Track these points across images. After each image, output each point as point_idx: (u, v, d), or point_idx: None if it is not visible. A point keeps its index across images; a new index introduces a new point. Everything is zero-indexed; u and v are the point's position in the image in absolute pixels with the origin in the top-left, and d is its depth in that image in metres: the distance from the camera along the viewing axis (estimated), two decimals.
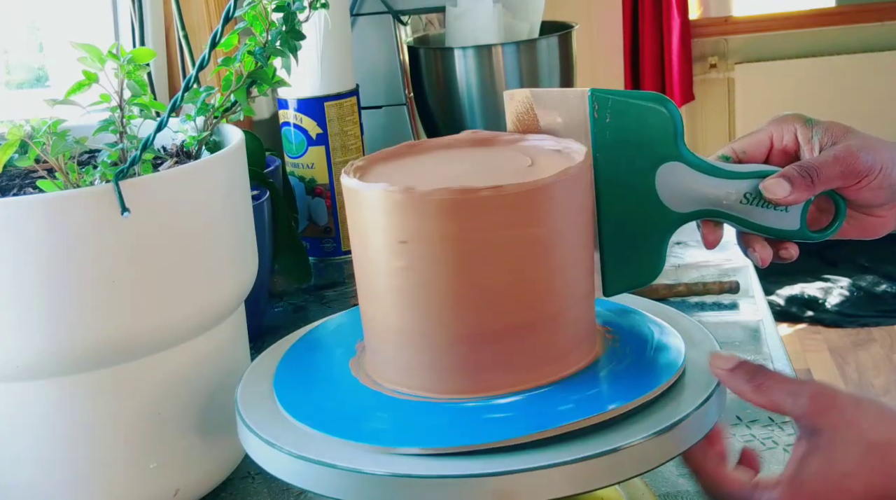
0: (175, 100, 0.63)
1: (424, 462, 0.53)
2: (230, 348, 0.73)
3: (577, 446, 0.53)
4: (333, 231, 1.20)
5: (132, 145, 0.66)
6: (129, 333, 0.63)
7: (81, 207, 0.60)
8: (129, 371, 0.65)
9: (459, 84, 1.30)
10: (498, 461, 0.52)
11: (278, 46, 0.69)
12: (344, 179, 0.60)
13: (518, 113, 0.66)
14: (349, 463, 0.53)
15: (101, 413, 0.65)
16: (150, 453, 0.67)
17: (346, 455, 0.55)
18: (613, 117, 0.62)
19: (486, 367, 0.58)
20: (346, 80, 1.18)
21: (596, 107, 0.62)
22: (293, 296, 1.10)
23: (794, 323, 3.02)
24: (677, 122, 0.63)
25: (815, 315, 3.03)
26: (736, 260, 1.08)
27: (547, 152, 0.63)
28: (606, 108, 0.62)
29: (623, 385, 0.58)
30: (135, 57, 0.65)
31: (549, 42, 1.30)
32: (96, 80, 0.65)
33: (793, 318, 3.03)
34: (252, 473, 0.75)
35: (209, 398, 0.69)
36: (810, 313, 3.04)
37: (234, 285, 0.71)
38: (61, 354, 0.62)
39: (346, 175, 0.60)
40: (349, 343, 0.68)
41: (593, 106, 0.62)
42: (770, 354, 0.86)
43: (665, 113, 0.62)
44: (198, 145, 0.71)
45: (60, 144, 0.63)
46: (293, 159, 1.19)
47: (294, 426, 0.59)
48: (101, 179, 0.64)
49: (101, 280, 0.61)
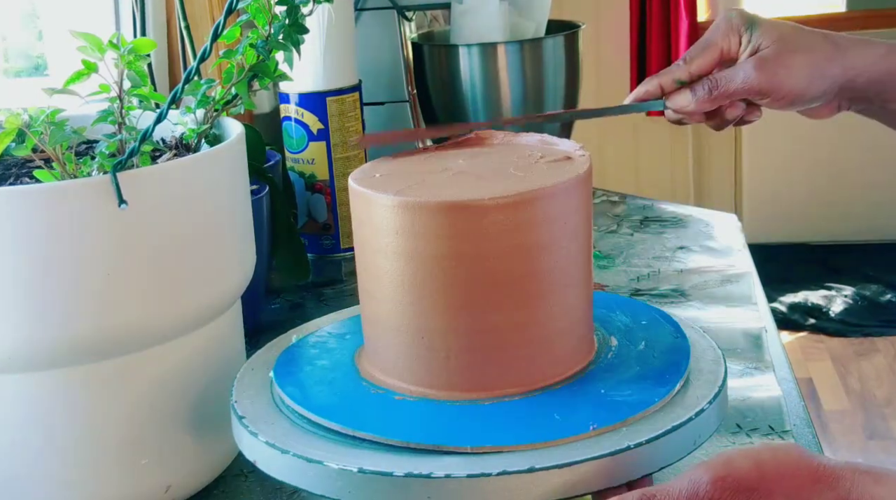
0: (175, 91, 0.63)
1: (422, 462, 0.53)
2: (226, 345, 0.73)
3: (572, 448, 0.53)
4: (333, 228, 1.20)
5: (131, 137, 0.66)
6: (123, 327, 0.63)
7: (78, 199, 0.60)
8: (123, 365, 0.65)
9: (463, 82, 1.30)
10: (495, 462, 0.53)
11: (281, 40, 0.69)
12: (351, 184, 0.61)
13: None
14: (344, 462, 0.54)
15: (92, 408, 0.65)
16: (141, 449, 0.67)
17: (341, 454, 0.55)
18: None
19: (485, 368, 0.59)
20: (349, 75, 1.18)
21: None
22: (291, 293, 1.10)
23: (796, 331, 3.02)
24: None
25: (817, 323, 3.03)
26: (739, 266, 1.08)
27: (551, 154, 0.64)
28: None
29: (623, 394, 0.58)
30: (135, 47, 0.65)
31: (556, 41, 1.30)
32: (96, 70, 0.65)
33: (795, 326, 3.04)
34: (245, 471, 0.75)
35: (203, 395, 0.69)
36: (813, 322, 3.04)
37: (231, 281, 0.70)
38: (53, 346, 0.62)
39: (354, 180, 0.61)
40: (349, 342, 0.68)
41: None
42: (772, 362, 0.86)
43: None
44: (197, 138, 0.71)
45: (58, 133, 0.63)
46: (293, 154, 1.19)
47: (289, 424, 0.59)
48: (99, 171, 0.64)
49: (95, 273, 0.61)
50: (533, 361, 0.59)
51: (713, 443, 0.72)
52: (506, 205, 0.56)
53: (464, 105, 1.30)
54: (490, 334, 0.58)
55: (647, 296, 1.01)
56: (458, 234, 0.57)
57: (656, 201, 1.33)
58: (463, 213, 0.56)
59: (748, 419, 0.77)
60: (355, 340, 0.67)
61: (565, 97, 1.32)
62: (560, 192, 0.58)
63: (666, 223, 1.24)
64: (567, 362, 0.61)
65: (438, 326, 0.58)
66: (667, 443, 0.54)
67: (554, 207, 0.58)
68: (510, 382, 0.59)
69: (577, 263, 0.60)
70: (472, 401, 0.59)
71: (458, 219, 0.57)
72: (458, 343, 0.58)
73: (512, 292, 0.58)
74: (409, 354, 0.60)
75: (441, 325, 0.58)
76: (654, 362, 0.61)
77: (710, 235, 1.19)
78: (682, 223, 1.24)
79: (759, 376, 0.84)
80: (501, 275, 0.57)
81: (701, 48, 0.78)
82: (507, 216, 0.57)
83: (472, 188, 0.59)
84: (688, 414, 0.56)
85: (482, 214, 0.56)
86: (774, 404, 0.79)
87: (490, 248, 0.57)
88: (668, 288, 1.03)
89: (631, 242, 1.18)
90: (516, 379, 0.59)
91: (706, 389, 0.59)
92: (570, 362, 0.61)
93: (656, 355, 0.62)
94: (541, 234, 0.58)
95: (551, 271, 0.58)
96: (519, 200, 0.57)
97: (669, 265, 1.10)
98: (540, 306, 0.59)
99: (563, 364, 0.61)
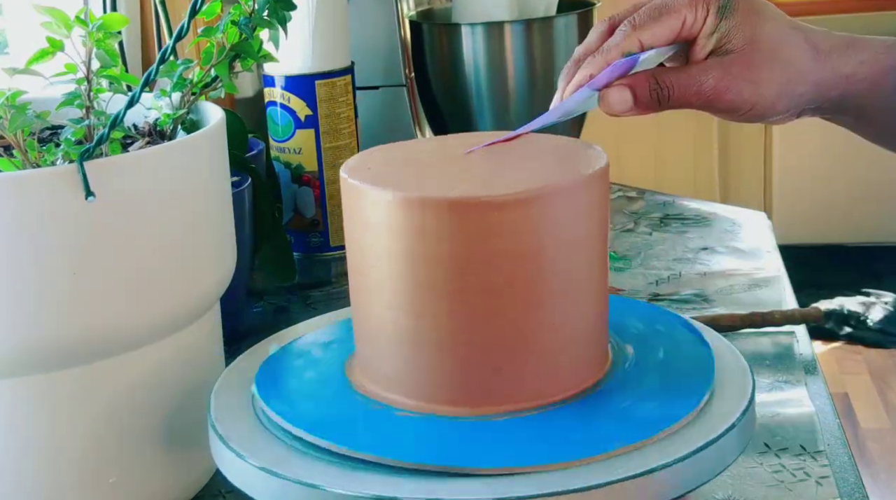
0: (149, 73, 0.63)
1: (415, 484, 0.53)
2: (202, 352, 0.73)
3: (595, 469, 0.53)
4: (322, 224, 1.20)
5: (99, 122, 0.66)
6: (91, 331, 0.63)
7: (41, 190, 0.60)
8: (89, 374, 0.65)
9: (466, 65, 1.29)
10: (519, 484, 0.53)
11: (265, 17, 0.69)
12: (343, 176, 0.61)
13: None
14: (351, 487, 0.53)
15: (55, 421, 0.65)
16: (109, 466, 0.67)
17: (329, 474, 0.55)
18: None
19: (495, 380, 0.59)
20: (341, 56, 1.18)
21: None
22: (274, 295, 1.10)
23: (830, 341, 3.02)
24: None
25: (854, 333, 3.04)
26: (768, 269, 1.08)
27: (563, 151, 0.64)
28: None
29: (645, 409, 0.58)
30: (105, 23, 0.65)
31: (568, 20, 1.30)
32: (61, 49, 0.65)
33: (830, 335, 3.04)
34: (223, 491, 0.75)
35: (177, 407, 0.69)
36: (849, 331, 3.04)
37: (208, 282, 0.70)
38: (12, 353, 0.62)
39: (346, 172, 0.61)
40: (336, 351, 0.68)
41: None
42: (804, 375, 0.86)
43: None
44: (173, 124, 0.71)
45: (19, 118, 0.63)
46: (279, 143, 1.19)
47: (272, 439, 0.59)
48: (64, 159, 0.64)
49: (60, 272, 0.61)
50: (547, 371, 0.59)
51: (738, 465, 0.72)
52: (515, 202, 0.56)
53: (466, 90, 1.30)
54: (499, 342, 0.58)
55: (666, 301, 1.01)
56: (462, 233, 0.57)
57: (678, 198, 1.33)
58: (468, 210, 0.56)
59: (777, 437, 0.77)
60: (343, 348, 0.67)
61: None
62: (574, 189, 0.58)
63: (688, 222, 1.24)
64: (583, 374, 0.61)
65: (441, 335, 0.58)
66: (694, 464, 0.54)
67: (566, 205, 0.58)
68: (523, 396, 0.59)
69: (592, 266, 0.60)
70: (482, 417, 0.59)
71: (462, 217, 0.56)
72: (464, 353, 0.58)
73: (522, 297, 0.58)
74: (408, 365, 0.60)
75: (444, 333, 0.58)
76: (676, 373, 0.61)
77: (736, 236, 1.19)
78: (705, 222, 1.24)
79: (789, 390, 0.83)
80: (510, 278, 0.57)
81: (657, 12, 0.68)
82: (516, 215, 0.56)
83: (478, 184, 0.58)
84: (715, 432, 0.56)
85: (488, 212, 0.56)
86: (806, 421, 0.79)
87: (498, 249, 0.57)
88: (691, 293, 1.03)
89: (649, 242, 1.18)
90: (530, 392, 0.59)
91: (732, 404, 0.59)
92: (585, 374, 0.61)
93: (677, 365, 0.62)
94: (553, 234, 0.58)
95: (565, 273, 0.58)
96: (519, 198, 0.56)
97: (692, 268, 1.10)
98: (553, 313, 0.59)
99: (578, 375, 0.61)
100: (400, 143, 0.68)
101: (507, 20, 1.28)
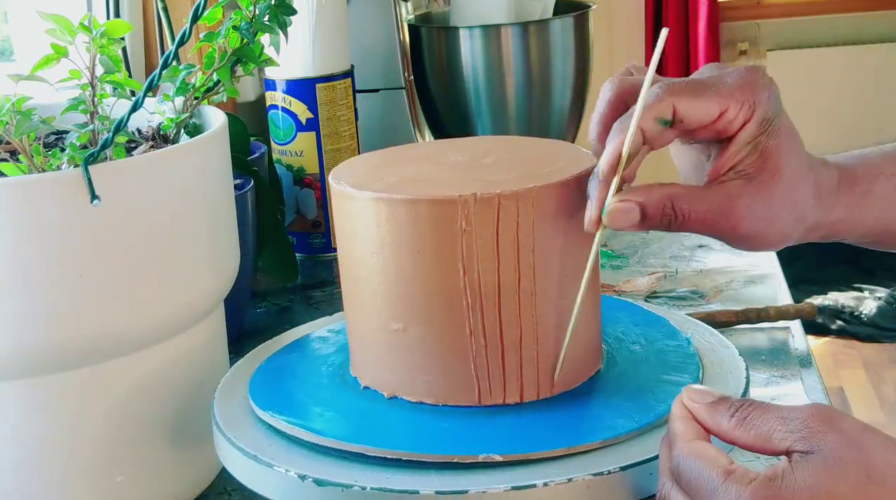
0: (152, 78, 0.63)
1: (418, 478, 0.54)
2: (207, 352, 0.73)
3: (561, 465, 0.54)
4: (323, 226, 1.20)
5: (104, 127, 0.66)
6: (97, 333, 0.63)
7: (47, 194, 0.60)
8: (96, 375, 0.65)
9: (464, 67, 1.30)
10: (535, 472, 0.53)
11: (266, 21, 0.69)
12: (332, 182, 0.61)
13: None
14: (336, 478, 0.54)
15: (62, 421, 0.65)
16: (116, 465, 0.67)
17: (333, 469, 0.55)
18: None
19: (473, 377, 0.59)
20: (341, 60, 1.18)
21: None
22: (277, 296, 1.10)
23: (825, 336, 3.02)
24: None
25: (848, 328, 3.03)
26: (763, 266, 1.08)
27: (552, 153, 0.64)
28: None
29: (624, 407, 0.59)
30: (109, 30, 0.65)
31: (564, 23, 1.30)
32: (66, 55, 0.65)
33: (824, 330, 3.04)
34: (229, 488, 0.75)
35: (183, 406, 0.69)
36: (843, 326, 3.04)
37: (213, 283, 0.70)
38: (20, 354, 0.62)
39: (335, 179, 0.61)
40: (337, 348, 0.68)
41: None
42: (799, 369, 0.86)
43: None
44: (176, 128, 0.71)
45: (25, 123, 0.63)
46: (280, 146, 1.19)
47: (275, 437, 0.59)
48: (69, 164, 0.64)
49: (66, 274, 0.61)
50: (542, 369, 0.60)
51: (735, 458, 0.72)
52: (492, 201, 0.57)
53: (465, 92, 1.30)
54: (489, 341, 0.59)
55: (663, 298, 1.01)
56: (439, 233, 0.57)
57: None
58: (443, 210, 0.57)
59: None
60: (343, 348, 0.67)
61: (574, 85, 1.32)
62: (564, 187, 0.58)
63: None
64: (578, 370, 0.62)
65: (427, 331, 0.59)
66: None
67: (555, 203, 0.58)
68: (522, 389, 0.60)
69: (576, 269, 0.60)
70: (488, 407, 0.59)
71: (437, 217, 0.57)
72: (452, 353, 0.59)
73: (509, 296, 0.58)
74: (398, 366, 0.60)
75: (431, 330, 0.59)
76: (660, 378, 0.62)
77: None
78: None
79: (785, 385, 0.83)
80: (493, 277, 0.58)
81: (702, 87, 0.57)
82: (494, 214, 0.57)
83: (459, 184, 0.59)
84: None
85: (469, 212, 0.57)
86: None
87: (481, 247, 0.57)
88: (687, 290, 1.03)
89: (646, 239, 1.18)
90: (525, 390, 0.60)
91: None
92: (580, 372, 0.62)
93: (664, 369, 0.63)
94: (530, 236, 0.58)
95: (544, 275, 0.59)
96: (506, 196, 0.57)
97: (688, 265, 1.10)
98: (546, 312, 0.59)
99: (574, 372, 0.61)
100: (391, 148, 0.68)
101: (505, 23, 1.28)
